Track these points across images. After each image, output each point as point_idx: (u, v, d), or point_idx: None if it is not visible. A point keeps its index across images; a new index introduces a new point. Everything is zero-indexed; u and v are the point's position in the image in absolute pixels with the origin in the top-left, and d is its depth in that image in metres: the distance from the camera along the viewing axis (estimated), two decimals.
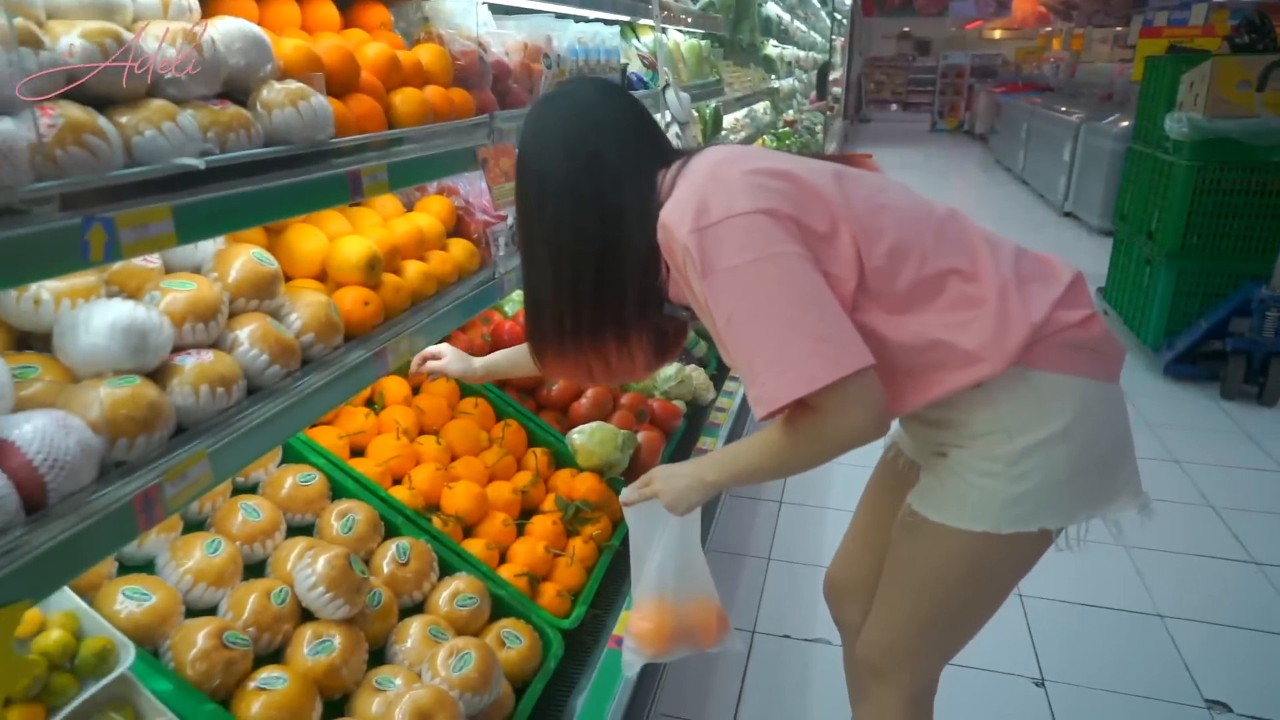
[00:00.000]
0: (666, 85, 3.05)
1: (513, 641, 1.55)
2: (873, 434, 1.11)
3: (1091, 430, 1.20)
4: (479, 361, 1.79)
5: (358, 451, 1.84)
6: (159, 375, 1.10)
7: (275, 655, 1.35)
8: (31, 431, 0.89)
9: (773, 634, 2.47)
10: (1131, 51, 9.06)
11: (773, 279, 1.06)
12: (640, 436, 2.19)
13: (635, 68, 3.00)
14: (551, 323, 1.27)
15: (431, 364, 1.80)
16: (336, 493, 1.68)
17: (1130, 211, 4.98)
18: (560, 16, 2.29)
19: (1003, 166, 12.78)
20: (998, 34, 22.48)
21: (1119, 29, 15.72)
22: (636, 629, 1.43)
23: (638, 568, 1.43)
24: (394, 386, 1.97)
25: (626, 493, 1.40)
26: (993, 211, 9.37)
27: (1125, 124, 7.12)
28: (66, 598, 1.17)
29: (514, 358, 1.75)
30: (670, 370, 2.53)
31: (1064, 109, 9.54)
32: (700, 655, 1.50)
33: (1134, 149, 5.04)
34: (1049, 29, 20.13)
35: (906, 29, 22.24)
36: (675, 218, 1.12)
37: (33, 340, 1.12)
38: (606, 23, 2.69)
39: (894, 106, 21.90)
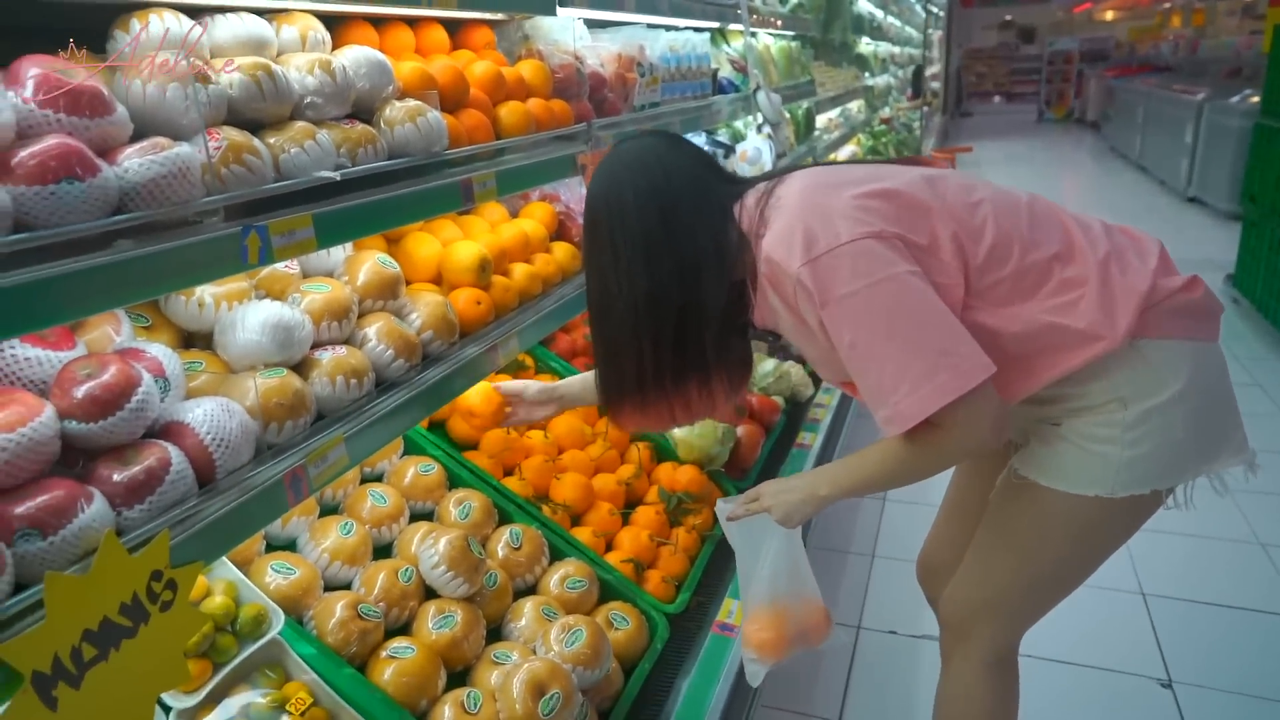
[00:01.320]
0: (758, 88, 3.08)
1: (620, 623, 1.62)
2: (993, 443, 1.14)
3: (1204, 390, 1.21)
4: (556, 389, 1.72)
5: (472, 445, 1.95)
6: (301, 368, 1.23)
7: (403, 629, 1.46)
8: (202, 415, 1.02)
9: (878, 630, 2.46)
10: (1261, 22, 8.46)
11: (889, 301, 1.09)
12: (740, 430, 2.23)
13: (726, 72, 3.06)
14: (632, 375, 1.28)
15: (522, 415, 1.74)
16: (453, 482, 1.79)
17: (1260, 192, 4.67)
18: (652, 27, 2.37)
19: (1117, 154, 12.12)
20: (1109, 15, 21.32)
21: None
22: (756, 639, 1.46)
23: (746, 579, 1.46)
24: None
25: (731, 509, 1.41)
26: (1108, 201, 8.92)
27: (1255, 99, 6.66)
28: (226, 569, 1.31)
29: (587, 384, 1.70)
30: (769, 366, 2.56)
31: (1184, 88, 8.98)
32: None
33: (1263, 124, 4.73)
34: (1166, 5, 18.98)
35: (1009, 17, 21.39)
36: (782, 252, 1.14)
37: (195, 339, 1.27)
38: (696, 30, 2.76)
39: (997, 99, 21.07)
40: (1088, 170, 11.46)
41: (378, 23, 1.55)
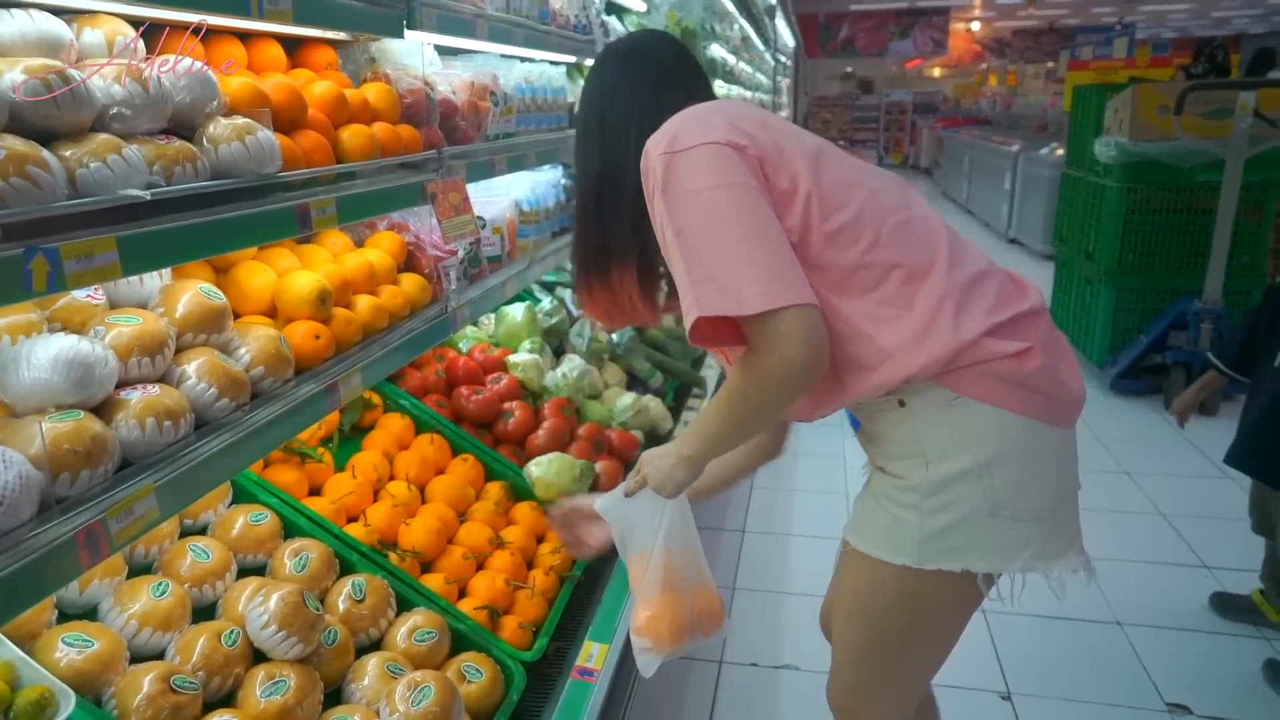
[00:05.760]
0: None
1: (474, 675, 1.53)
2: (807, 371, 1.08)
3: (1019, 471, 1.16)
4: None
5: (314, 491, 1.81)
6: (104, 410, 1.09)
7: (227, 700, 1.31)
8: None
9: (740, 663, 2.46)
10: (1062, 84, 9.49)
11: (729, 205, 1.11)
12: (599, 467, 2.19)
13: None
14: (577, 257, 1.39)
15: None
16: (289, 532, 1.65)
17: (1068, 234, 5.16)
18: (506, 58, 2.33)
19: (948, 197, 13.17)
20: (937, 72, 23.33)
21: (1049, 64, 16.43)
22: (651, 627, 1.38)
23: (635, 564, 1.39)
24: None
25: (625, 486, 1.36)
26: None
27: (1061, 152, 7.43)
28: (3, 647, 1.13)
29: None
30: (627, 400, 2.55)
31: (1002, 140, 9.89)
32: (665, 686, 1.47)
33: (1068, 174, 5.25)
34: (984, 66, 20.97)
35: (849, 69, 22.92)
36: (653, 142, 1.20)
37: None
38: (553, 64, 2.74)
39: (841, 143, 22.38)
40: None
41: (204, 35, 1.43)
